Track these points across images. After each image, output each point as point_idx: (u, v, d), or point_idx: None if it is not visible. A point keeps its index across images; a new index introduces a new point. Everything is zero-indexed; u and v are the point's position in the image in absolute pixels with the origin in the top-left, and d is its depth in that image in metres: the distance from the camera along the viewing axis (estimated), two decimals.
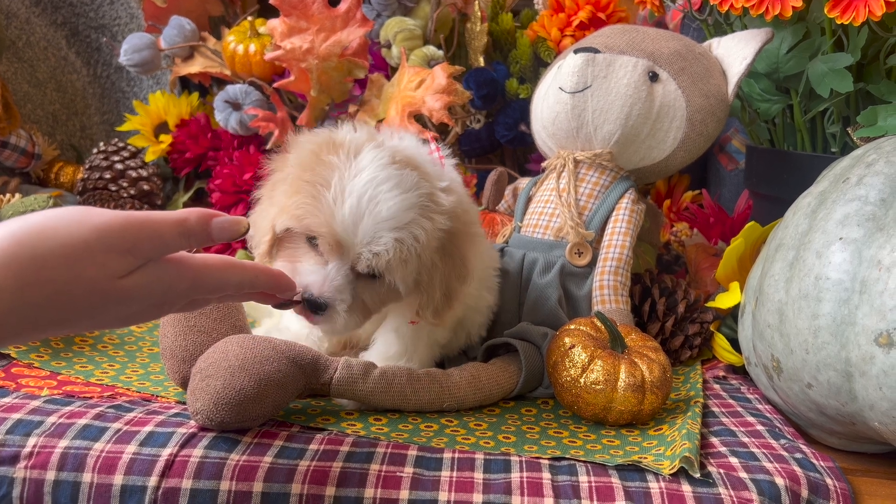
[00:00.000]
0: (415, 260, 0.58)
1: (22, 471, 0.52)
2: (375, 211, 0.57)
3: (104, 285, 0.40)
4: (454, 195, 0.63)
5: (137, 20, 1.26)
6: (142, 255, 0.42)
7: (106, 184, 1.10)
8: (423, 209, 0.59)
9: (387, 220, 0.57)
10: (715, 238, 1.06)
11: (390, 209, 0.57)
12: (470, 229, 0.65)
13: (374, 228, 0.57)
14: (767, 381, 0.64)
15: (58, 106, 1.26)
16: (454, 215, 0.61)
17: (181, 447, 0.53)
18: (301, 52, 0.95)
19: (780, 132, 0.93)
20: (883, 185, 0.56)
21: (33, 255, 0.38)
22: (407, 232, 0.57)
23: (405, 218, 0.57)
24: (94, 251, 0.40)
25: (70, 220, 0.40)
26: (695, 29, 1.15)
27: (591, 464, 0.54)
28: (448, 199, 0.61)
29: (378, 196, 0.57)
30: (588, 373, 0.62)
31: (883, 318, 0.51)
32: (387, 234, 0.57)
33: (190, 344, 0.63)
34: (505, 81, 1.13)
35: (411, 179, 0.59)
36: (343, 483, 0.51)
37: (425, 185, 0.60)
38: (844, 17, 0.72)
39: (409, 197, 0.58)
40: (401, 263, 0.58)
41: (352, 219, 0.57)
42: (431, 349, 0.71)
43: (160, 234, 0.43)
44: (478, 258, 0.68)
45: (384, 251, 0.57)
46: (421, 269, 0.60)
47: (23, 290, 0.37)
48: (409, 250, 0.58)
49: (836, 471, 0.56)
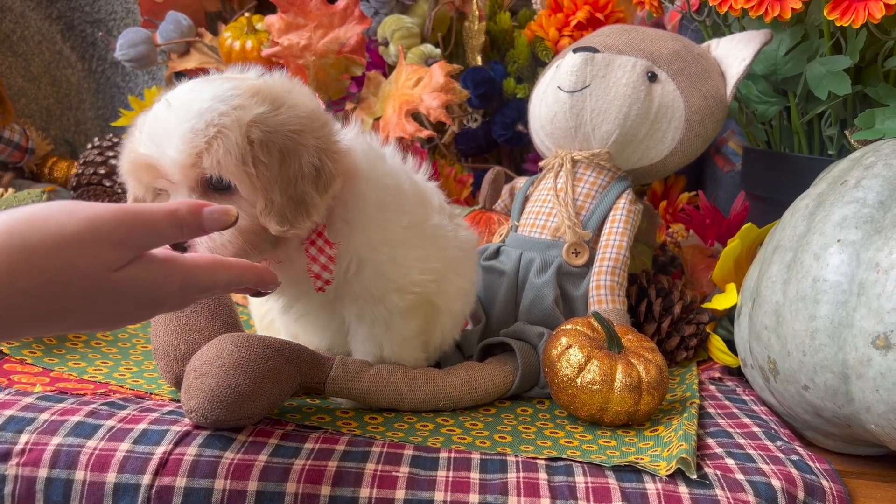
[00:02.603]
0: (236, 150, 0.52)
1: (14, 468, 0.51)
2: (174, 119, 0.53)
3: (96, 276, 0.40)
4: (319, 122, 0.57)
5: (133, 15, 1.25)
6: (134, 246, 0.42)
7: (100, 179, 1.10)
8: (229, 101, 0.53)
9: (186, 119, 0.53)
10: (711, 239, 1.06)
11: (188, 109, 0.53)
12: (335, 161, 0.58)
13: (180, 135, 0.52)
14: (763, 383, 0.64)
15: (52, 100, 1.25)
16: (302, 121, 0.56)
17: (175, 445, 0.52)
18: (298, 48, 0.95)
19: (777, 134, 0.93)
20: (881, 188, 0.56)
21: (23, 244, 0.37)
22: (210, 122, 0.53)
23: (210, 111, 0.53)
24: (86, 241, 0.39)
25: (61, 211, 0.40)
26: (693, 30, 1.15)
27: (587, 464, 0.54)
28: (298, 112, 0.56)
29: (175, 103, 0.54)
30: (584, 373, 0.62)
31: (881, 320, 0.51)
32: (190, 133, 0.52)
33: (182, 343, 0.62)
34: (502, 81, 1.13)
35: (227, 87, 0.54)
36: (339, 482, 0.51)
37: (244, 89, 0.55)
38: (844, 20, 0.72)
39: (212, 92, 0.54)
40: (225, 156, 0.52)
41: (150, 137, 0.54)
42: (406, 345, 0.66)
43: (153, 225, 0.42)
44: (385, 209, 0.63)
45: (191, 148, 0.52)
46: (245, 164, 0.53)
47: (13, 279, 0.37)
48: (223, 140, 0.52)
49: (832, 473, 0.56)
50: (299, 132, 0.55)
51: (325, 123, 0.58)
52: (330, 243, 0.60)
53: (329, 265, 0.60)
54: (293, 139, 0.55)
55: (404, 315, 0.65)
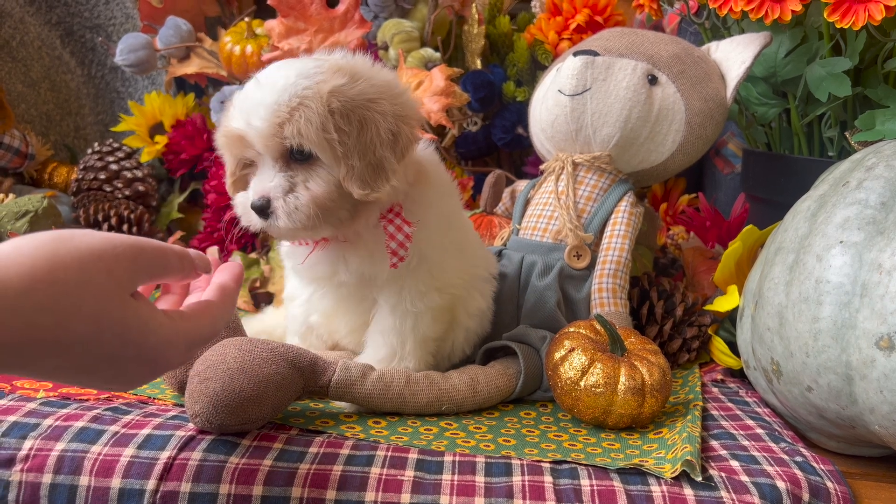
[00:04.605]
0: (316, 119, 0.57)
1: (18, 474, 0.51)
2: (261, 94, 0.58)
3: (108, 294, 0.40)
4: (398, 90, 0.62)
5: (133, 20, 1.25)
6: (145, 269, 0.42)
7: (101, 184, 1.10)
8: (312, 76, 0.58)
9: (272, 93, 0.57)
10: (711, 241, 1.06)
11: (273, 85, 0.58)
12: (412, 127, 0.62)
13: (265, 107, 0.57)
14: (766, 385, 0.64)
15: (52, 106, 1.25)
16: (379, 91, 0.60)
17: (180, 450, 0.52)
18: (299, 52, 0.95)
19: (777, 136, 0.93)
20: (883, 189, 0.56)
21: (50, 258, 0.38)
22: (293, 95, 0.57)
23: (294, 86, 0.57)
24: (104, 257, 0.40)
25: (84, 232, 0.41)
26: (692, 33, 1.16)
27: (592, 467, 0.54)
28: (375, 78, 0.61)
29: (263, 81, 0.59)
30: (588, 376, 0.62)
31: (884, 321, 0.51)
32: (274, 105, 0.57)
33: None
34: (502, 84, 1.13)
35: (311, 65, 0.59)
36: (344, 486, 0.51)
37: (326, 66, 0.59)
38: (844, 22, 0.72)
39: (297, 69, 0.59)
40: (305, 125, 0.57)
41: (241, 111, 0.59)
42: (424, 345, 0.69)
43: (163, 253, 0.44)
44: (435, 186, 0.68)
45: (274, 117, 0.57)
46: (327, 131, 0.58)
47: (29, 291, 0.37)
48: (304, 111, 0.57)
49: (836, 474, 0.56)
50: (376, 100, 0.59)
51: (401, 92, 0.62)
52: (408, 222, 0.63)
53: (406, 243, 0.63)
54: (371, 107, 0.59)
55: (434, 315, 0.68)
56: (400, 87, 0.63)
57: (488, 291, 0.76)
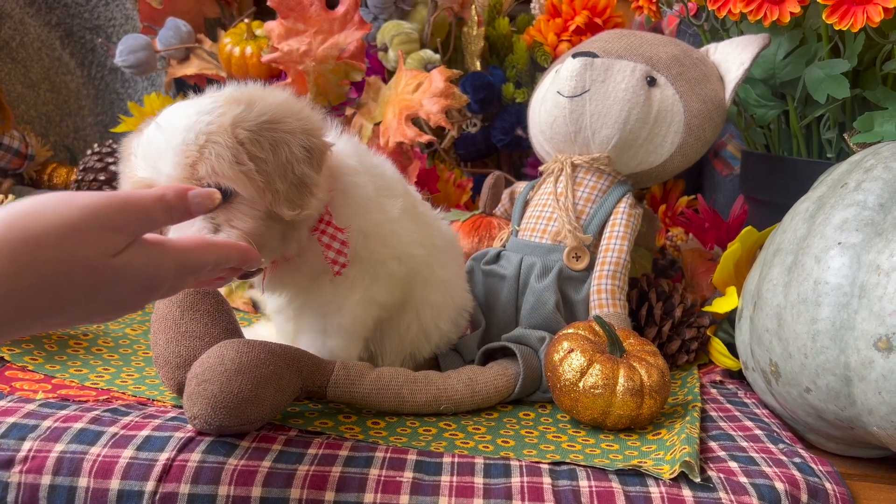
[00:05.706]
0: (227, 153, 0.54)
1: (17, 475, 0.51)
2: (164, 138, 0.55)
3: (98, 262, 0.40)
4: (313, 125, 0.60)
5: (133, 21, 1.25)
6: (130, 231, 0.43)
7: (101, 185, 1.10)
8: (212, 112, 0.56)
9: (177, 135, 0.55)
10: (710, 243, 1.06)
11: (176, 126, 0.55)
12: (320, 137, 0.61)
13: (173, 150, 0.55)
14: (765, 386, 0.64)
15: (51, 107, 1.25)
16: (280, 110, 0.58)
17: (179, 451, 0.52)
18: (298, 54, 0.95)
19: (775, 138, 0.93)
20: (881, 191, 0.56)
21: (25, 237, 0.38)
22: (199, 133, 0.55)
23: (197, 124, 0.55)
24: (85, 230, 0.40)
25: (56, 203, 0.40)
26: (691, 34, 1.16)
27: (591, 468, 0.54)
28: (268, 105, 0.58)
29: (164, 124, 0.56)
30: (587, 377, 0.62)
31: (882, 322, 0.51)
32: (182, 146, 0.54)
33: (183, 350, 0.62)
34: (501, 86, 1.13)
35: (207, 101, 0.57)
36: (342, 488, 0.51)
37: (221, 100, 0.57)
38: (843, 23, 0.72)
39: (195, 107, 0.56)
40: (218, 161, 0.54)
41: (145, 158, 0.56)
42: (367, 305, 0.68)
43: (145, 209, 0.44)
44: (381, 194, 0.67)
45: (184, 160, 0.54)
46: (242, 163, 0.55)
47: (18, 273, 0.37)
48: (213, 147, 0.54)
49: (834, 475, 0.56)
50: (280, 120, 0.58)
51: (301, 108, 0.61)
52: (340, 229, 0.63)
53: (343, 249, 0.63)
54: (277, 128, 0.58)
55: (388, 284, 0.69)
56: (299, 103, 0.62)
57: (450, 259, 0.76)
